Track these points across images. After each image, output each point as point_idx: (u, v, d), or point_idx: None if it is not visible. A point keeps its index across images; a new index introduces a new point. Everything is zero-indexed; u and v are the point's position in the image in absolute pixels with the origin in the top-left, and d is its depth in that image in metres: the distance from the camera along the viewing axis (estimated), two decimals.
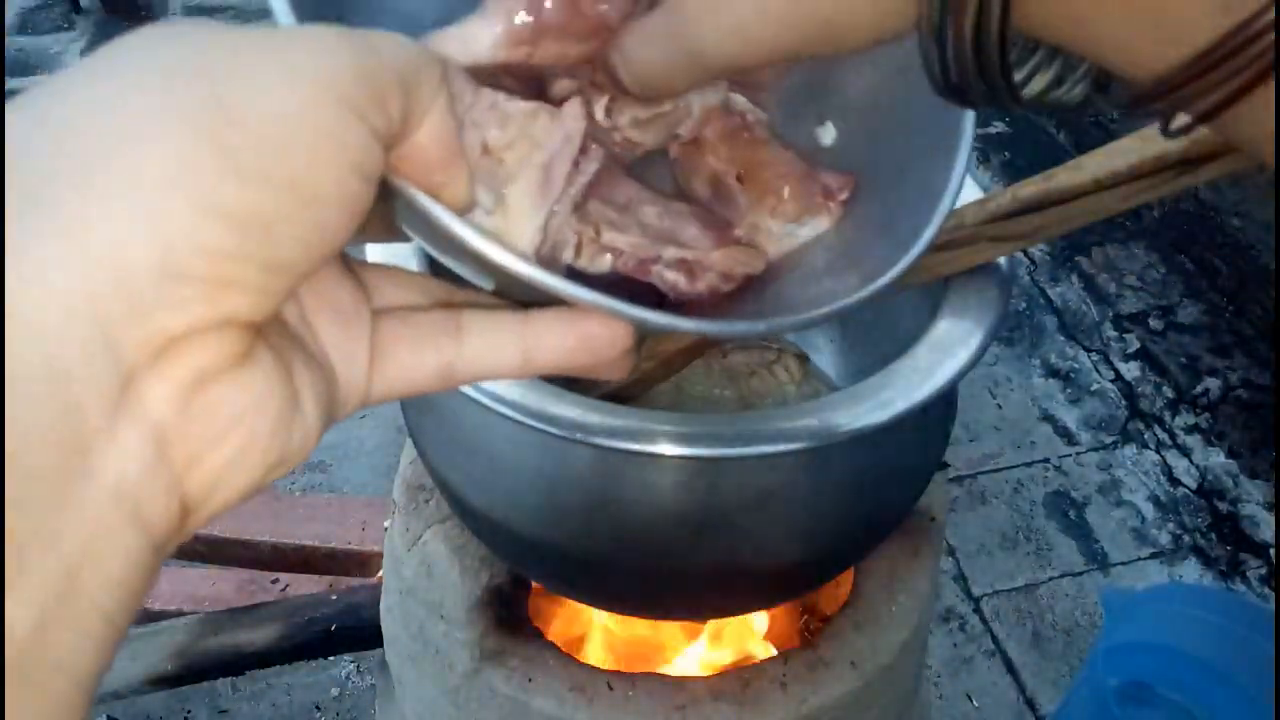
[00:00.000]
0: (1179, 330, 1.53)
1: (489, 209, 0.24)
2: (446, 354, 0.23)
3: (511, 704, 0.53)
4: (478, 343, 0.24)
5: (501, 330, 0.24)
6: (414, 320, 0.24)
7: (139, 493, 0.17)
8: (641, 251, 0.27)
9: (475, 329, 0.24)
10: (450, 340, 0.24)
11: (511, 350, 0.24)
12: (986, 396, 1.45)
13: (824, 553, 0.48)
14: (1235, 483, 1.34)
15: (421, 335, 0.23)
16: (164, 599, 0.98)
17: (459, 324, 0.24)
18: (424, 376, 0.23)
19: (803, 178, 0.30)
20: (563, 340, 0.24)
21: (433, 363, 0.23)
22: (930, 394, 0.39)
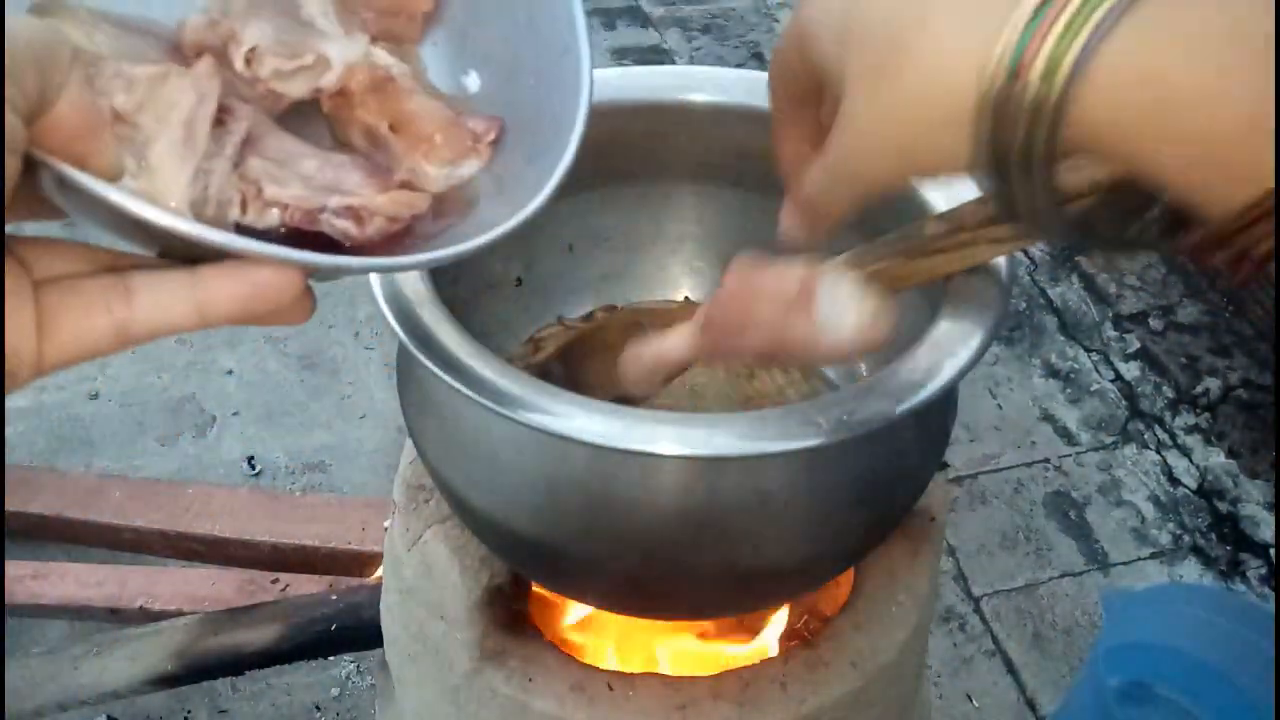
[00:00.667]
0: (1179, 330, 1.53)
1: (134, 173, 0.26)
2: (118, 314, 0.24)
3: (511, 704, 0.53)
4: (149, 300, 0.24)
5: (171, 287, 0.25)
6: (80, 287, 0.24)
7: None
8: (306, 203, 0.29)
9: (145, 288, 0.25)
10: (120, 301, 0.24)
11: (184, 305, 0.25)
12: (986, 396, 1.45)
13: (824, 553, 0.48)
14: (1235, 483, 1.34)
15: (90, 300, 0.24)
16: (164, 599, 0.98)
17: (127, 285, 0.24)
18: (99, 338, 0.24)
19: (451, 124, 0.33)
20: (235, 289, 0.24)
21: (105, 324, 0.24)
22: (930, 394, 0.39)
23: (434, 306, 0.42)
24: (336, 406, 1.42)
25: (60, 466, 1.29)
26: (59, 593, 0.99)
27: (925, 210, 0.47)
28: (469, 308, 0.57)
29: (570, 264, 0.62)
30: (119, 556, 1.08)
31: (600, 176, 0.60)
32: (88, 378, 1.43)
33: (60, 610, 1.01)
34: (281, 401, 1.42)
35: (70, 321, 0.24)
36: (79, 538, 1.08)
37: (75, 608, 0.99)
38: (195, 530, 1.03)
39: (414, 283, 0.43)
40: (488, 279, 0.59)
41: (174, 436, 1.37)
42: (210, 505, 1.05)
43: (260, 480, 1.32)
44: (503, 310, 0.60)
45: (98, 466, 1.31)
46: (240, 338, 1.50)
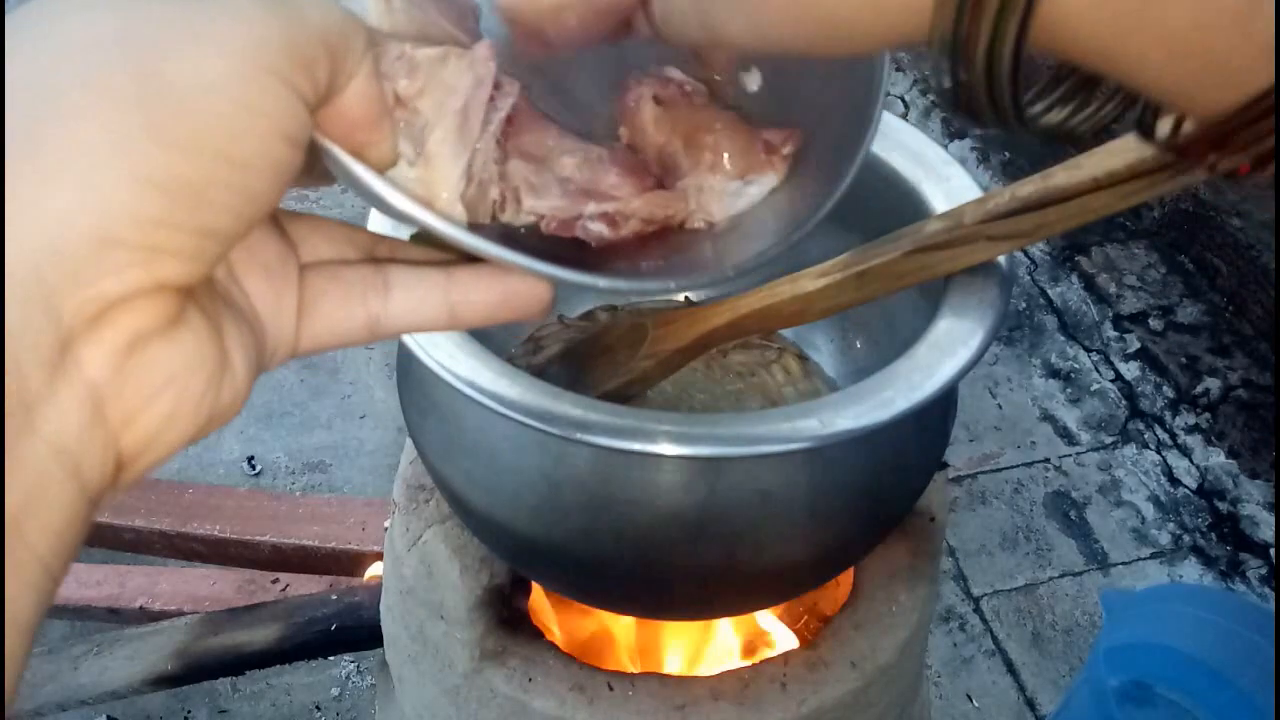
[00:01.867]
0: (1179, 330, 1.53)
1: (411, 160, 0.25)
2: (373, 308, 0.24)
3: (511, 704, 0.53)
4: (404, 297, 0.24)
5: (427, 286, 0.25)
6: (342, 275, 0.24)
7: (77, 449, 0.18)
8: (563, 213, 0.28)
9: (401, 284, 0.24)
10: (377, 295, 0.24)
11: (437, 305, 0.25)
12: (986, 396, 1.45)
13: (824, 553, 0.48)
14: (1235, 483, 1.34)
15: (349, 290, 0.24)
16: (164, 599, 0.98)
17: (386, 280, 0.24)
18: (351, 329, 0.24)
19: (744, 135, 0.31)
20: (487, 296, 0.25)
21: (360, 316, 0.24)
22: (930, 394, 0.39)
23: None
24: (336, 406, 1.42)
25: None
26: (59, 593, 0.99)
27: (926, 210, 0.47)
28: None
29: None
30: (119, 556, 1.08)
31: None
32: None
33: (60, 610, 1.01)
34: (281, 401, 1.42)
35: (328, 309, 0.24)
36: None
37: (75, 608, 0.99)
38: (195, 530, 1.03)
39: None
40: None
41: None
42: (210, 505, 1.05)
43: (260, 480, 1.32)
44: None
45: None
46: None
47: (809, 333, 0.61)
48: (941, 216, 0.43)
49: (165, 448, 0.20)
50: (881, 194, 0.50)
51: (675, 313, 0.54)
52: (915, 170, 0.49)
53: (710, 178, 0.30)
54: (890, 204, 0.49)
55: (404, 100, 0.25)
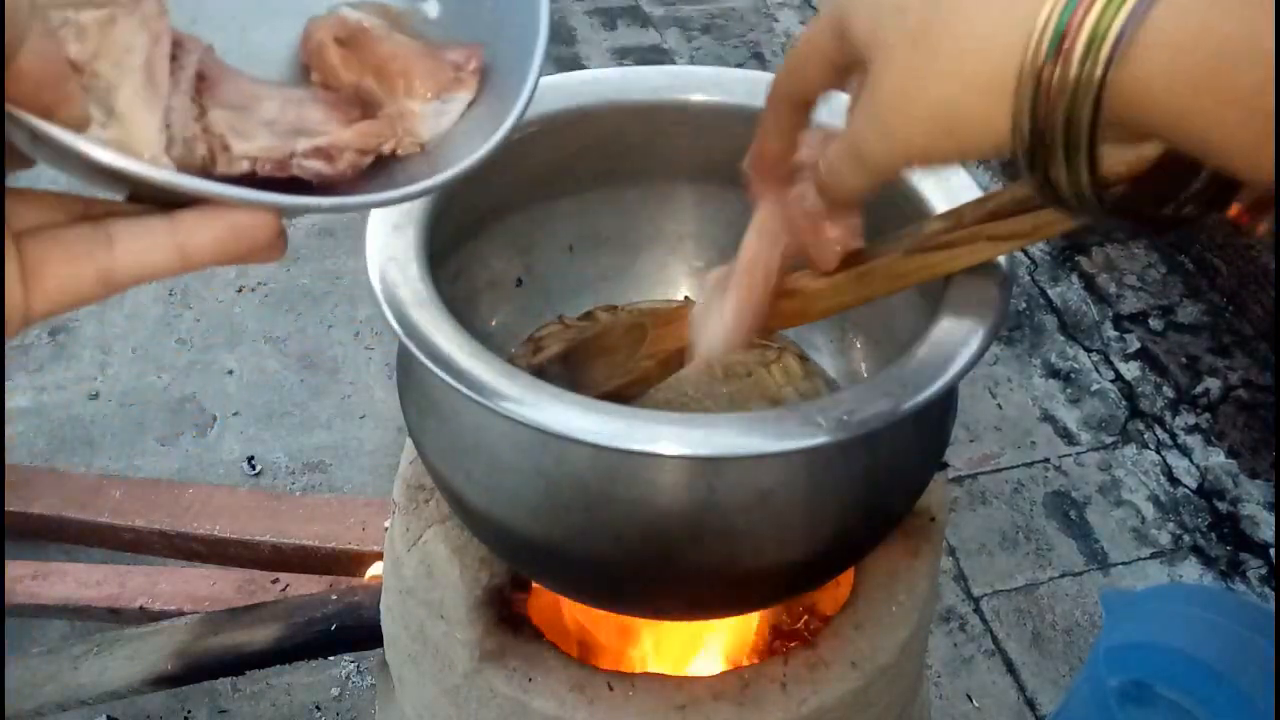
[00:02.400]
0: (1179, 330, 1.53)
1: (103, 123, 0.25)
2: (100, 262, 0.24)
3: (511, 704, 0.53)
4: (129, 247, 0.25)
5: (151, 232, 0.25)
6: (61, 236, 0.24)
7: None
8: (274, 153, 0.28)
9: (126, 235, 0.25)
10: (103, 249, 0.25)
11: (165, 249, 0.25)
12: (986, 396, 1.45)
13: (824, 553, 0.48)
14: (1235, 483, 1.34)
15: (72, 249, 0.24)
16: (164, 599, 0.98)
17: (108, 234, 0.25)
18: (84, 286, 0.24)
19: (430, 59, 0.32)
20: (214, 232, 0.25)
21: (89, 273, 0.24)
22: (930, 394, 0.39)
23: (434, 306, 0.42)
24: (336, 406, 1.42)
25: (60, 466, 1.29)
26: (59, 593, 0.99)
27: (926, 210, 0.47)
28: (469, 308, 0.57)
29: (570, 264, 0.63)
30: (119, 556, 1.08)
31: (600, 176, 0.60)
32: (87, 378, 1.44)
33: (60, 610, 1.01)
34: (281, 401, 1.42)
35: (54, 271, 0.24)
36: (79, 538, 1.08)
37: (75, 608, 0.99)
38: (195, 530, 1.03)
39: (414, 283, 0.43)
40: (488, 279, 0.59)
41: (174, 436, 1.37)
42: (210, 505, 1.05)
43: (260, 480, 1.32)
44: (503, 310, 0.60)
45: (98, 466, 1.31)
46: (240, 338, 1.50)
47: (809, 333, 0.61)
48: (941, 216, 0.43)
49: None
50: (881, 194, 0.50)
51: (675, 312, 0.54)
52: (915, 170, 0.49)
53: (408, 103, 0.32)
54: (890, 204, 0.49)
55: (80, 66, 0.25)
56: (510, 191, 0.56)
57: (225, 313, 1.54)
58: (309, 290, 1.58)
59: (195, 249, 0.25)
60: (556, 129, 0.55)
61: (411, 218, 0.46)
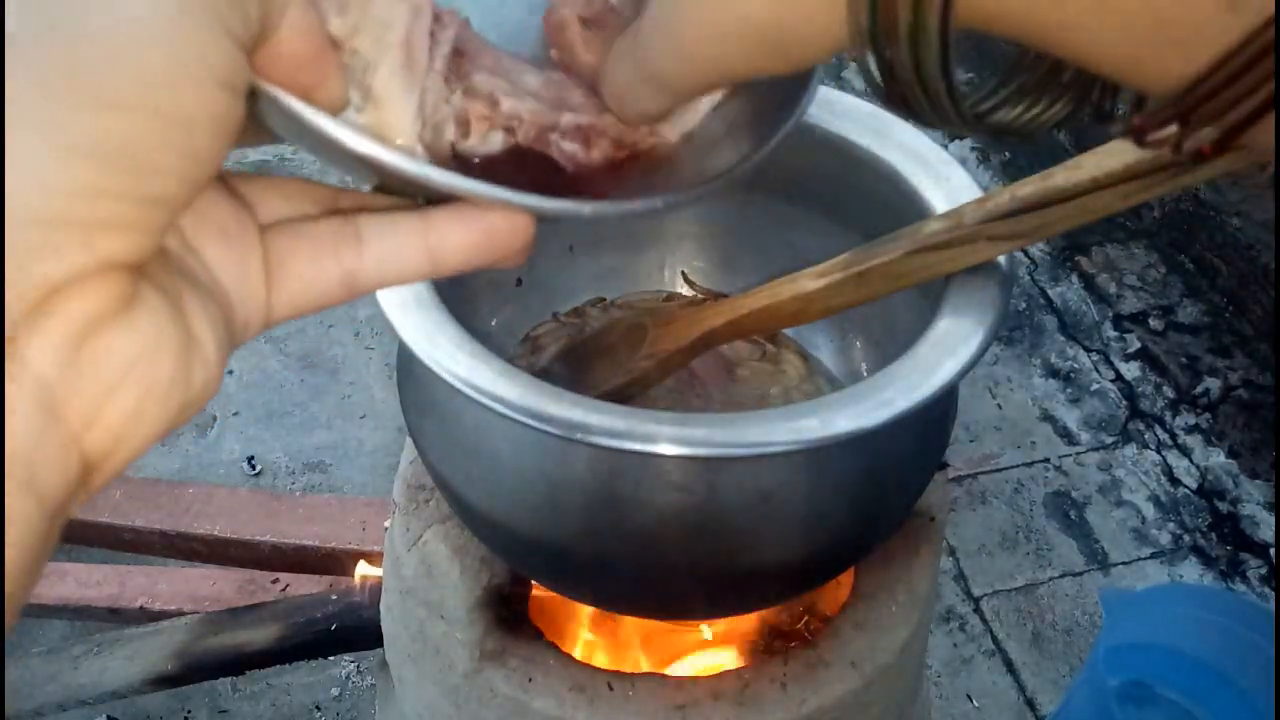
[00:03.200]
0: (1179, 330, 1.53)
1: (359, 105, 0.23)
2: (347, 262, 0.22)
3: (511, 704, 0.53)
4: (380, 248, 0.23)
5: (403, 233, 0.23)
6: (308, 231, 0.22)
7: (32, 458, 0.16)
8: (542, 118, 0.26)
9: (375, 234, 0.23)
10: (350, 248, 0.22)
11: (416, 252, 0.23)
12: (986, 396, 1.45)
13: (824, 553, 0.48)
14: (1235, 483, 1.34)
15: (319, 246, 0.22)
16: (164, 599, 0.98)
17: (358, 231, 0.23)
18: (327, 288, 0.23)
19: None
20: (467, 237, 0.23)
21: (334, 273, 0.22)
22: (930, 394, 0.39)
23: (434, 306, 0.42)
24: (336, 406, 1.42)
25: None
26: (59, 593, 0.99)
27: (925, 210, 0.47)
28: (469, 308, 0.57)
29: (570, 264, 0.62)
30: (119, 556, 1.08)
31: None
32: None
33: (60, 610, 1.01)
34: (282, 401, 1.42)
35: (299, 269, 0.22)
36: (79, 538, 1.08)
37: (75, 608, 0.99)
38: (195, 530, 1.03)
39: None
40: (488, 279, 0.59)
41: (174, 436, 1.37)
42: (210, 505, 1.05)
43: (260, 480, 1.32)
44: (503, 310, 0.60)
45: None
46: None
47: (809, 333, 0.61)
48: (941, 216, 0.43)
49: (136, 443, 0.18)
50: (881, 194, 0.50)
51: (675, 312, 0.54)
52: (915, 170, 0.49)
53: None
54: (890, 204, 0.49)
55: (339, 41, 0.23)
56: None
57: None
58: None
59: (447, 253, 0.23)
60: None
61: None
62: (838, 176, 0.53)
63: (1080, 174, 0.38)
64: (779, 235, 0.60)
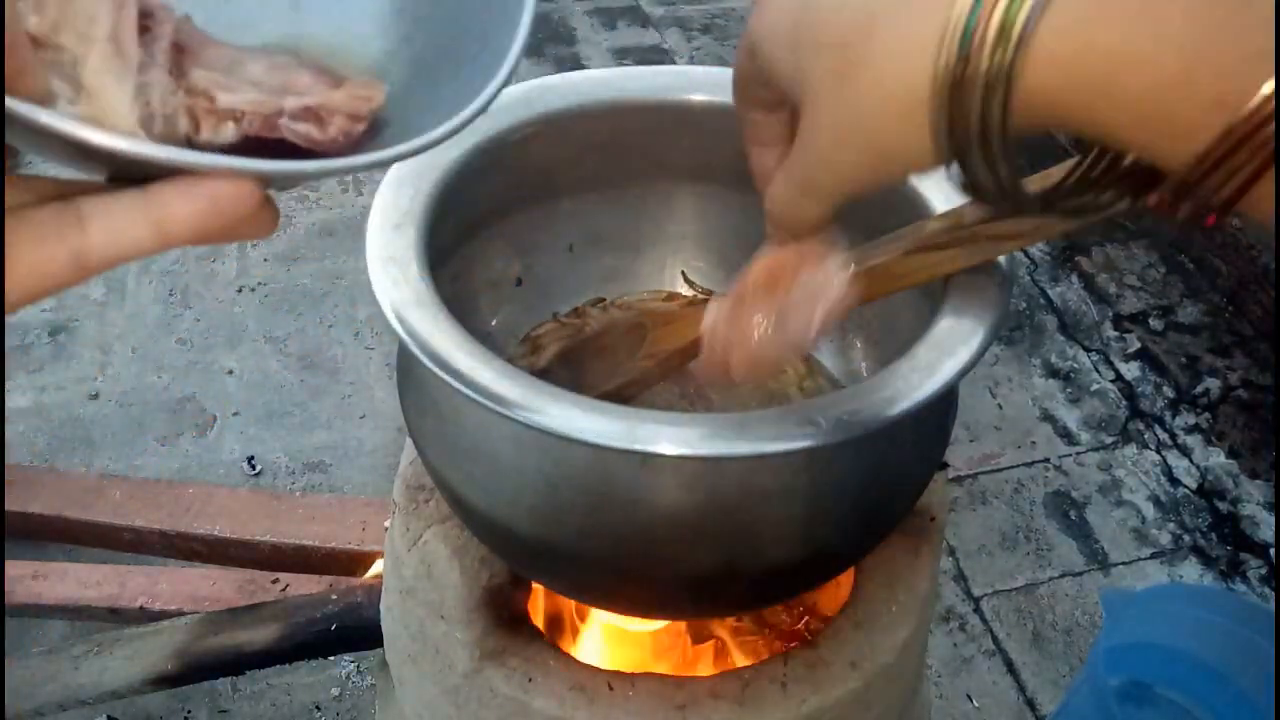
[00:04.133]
0: (1179, 330, 1.53)
1: (72, 99, 0.24)
2: (72, 243, 0.23)
3: (511, 704, 0.53)
4: (103, 225, 0.23)
5: (125, 209, 0.23)
6: (28, 217, 0.23)
7: None
8: (263, 107, 0.27)
9: (98, 212, 0.23)
10: (74, 229, 0.23)
11: (141, 226, 0.23)
12: (986, 396, 1.45)
13: (824, 553, 0.48)
14: (1235, 483, 1.34)
15: (41, 230, 0.23)
16: (164, 599, 0.98)
17: (79, 212, 0.23)
18: (56, 269, 0.23)
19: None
20: (191, 205, 0.23)
21: (61, 254, 0.23)
22: (930, 394, 0.39)
23: (434, 306, 0.42)
24: (336, 406, 1.42)
25: (60, 466, 1.29)
26: (59, 593, 0.99)
27: (925, 210, 0.47)
28: (469, 308, 0.57)
29: (570, 264, 0.62)
30: (119, 556, 1.08)
31: (600, 176, 0.60)
32: (87, 378, 1.44)
33: (60, 610, 1.01)
34: (281, 401, 1.42)
35: (24, 254, 0.22)
36: (79, 538, 1.08)
37: (75, 608, 0.99)
38: (195, 530, 1.03)
39: (414, 283, 0.43)
40: (488, 279, 0.59)
41: (174, 436, 1.37)
42: (210, 505, 1.05)
43: (260, 480, 1.32)
44: (503, 310, 0.60)
45: (98, 466, 1.31)
46: (240, 338, 1.50)
47: None
48: (941, 216, 0.43)
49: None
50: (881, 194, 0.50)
51: (675, 312, 0.54)
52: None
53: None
54: (890, 204, 0.49)
55: (41, 39, 0.23)
56: (510, 191, 0.56)
57: (225, 313, 1.54)
58: (309, 290, 1.58)
59: (173, 224, 0.23)
60: (556, 129, 0.55)
61: (411, 218, 0.46)
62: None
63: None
64: None
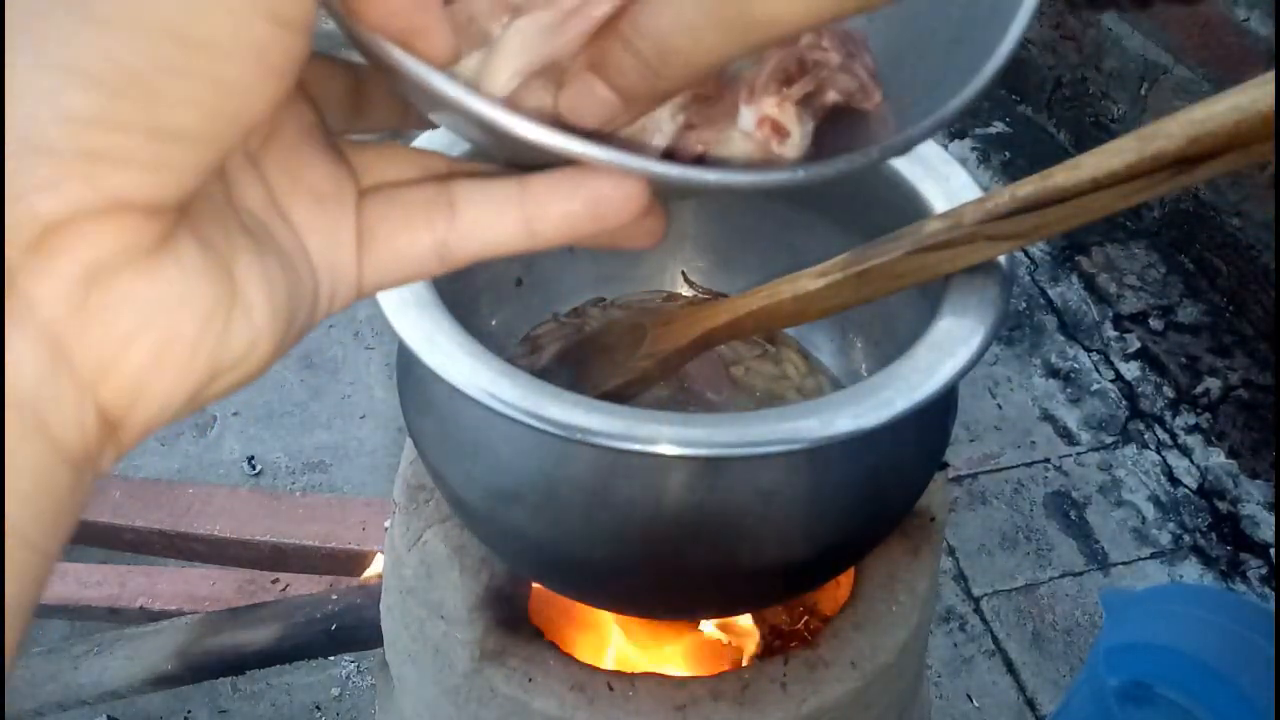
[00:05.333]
0: (1179, 330, 1.53)
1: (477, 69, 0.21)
2: (439, 232, 0.21)
3: (511, 704, 0.53)
4: (473, 215, 0.21)
5: (498, 199, 0.21)
6: (400, 197, 0.21)
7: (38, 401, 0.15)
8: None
9: (469, 200, 0.21)
10: (442, 216, 0.21)
11: (512, 221, 0.21)
12: (986, 396, 1.45)
13: (824, 553, 0.48)
14: (1235, 483, 1.34)
15: (410, 212, 0.21)
16: (164, 599, 0.98)
17: (451, 198, 0.21)
18: (419, 257, 0.21)
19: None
20: (568, 205, 0.20)
21: (426, 242, 0.21)
22: (930, 394, 0.39)
23: (434, 306, 0.42)
24: (336, 406, 1.42)
25: None
26: (59, 593, 0.99)
27: (925, 210, 0.47)
28: (469, 308, 0.57)
29: (570, 264, 0.63)
30: (119, 556, 1.08)
31: None
32: None
33: (60, 610, 1.01)
34: (281, 401, 1.42)
35: (388, 236, 0.20)
36: (79, 538, 1.08)
37: (75, 607, 0.99)
38: (195, 530, 1.03)
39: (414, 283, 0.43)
40: (488, 279, 0.59)
41: (174, 436, 1.37)
42: (210, 505, 1.05)
43: (260, 480, 1.32)
44: (503, 310, 0.60)
45: None
46: None
47: (809, 333, 0.61)
48: (941, 216, 0.43)
49: (160, 399, 0.17)
50: (881, 194, 0.50)
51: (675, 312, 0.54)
52: (915, 170, 0.49)
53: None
54: (890, 204, 0.49)
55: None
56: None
57: None
58: None
59: (545, 223, 0.21)
60: None
61: None
62: (838, 177, 0.53)
63: (1080, 174, 0.38)
64: (779, 235, 0.60)
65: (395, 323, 0.41)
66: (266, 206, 0.19)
